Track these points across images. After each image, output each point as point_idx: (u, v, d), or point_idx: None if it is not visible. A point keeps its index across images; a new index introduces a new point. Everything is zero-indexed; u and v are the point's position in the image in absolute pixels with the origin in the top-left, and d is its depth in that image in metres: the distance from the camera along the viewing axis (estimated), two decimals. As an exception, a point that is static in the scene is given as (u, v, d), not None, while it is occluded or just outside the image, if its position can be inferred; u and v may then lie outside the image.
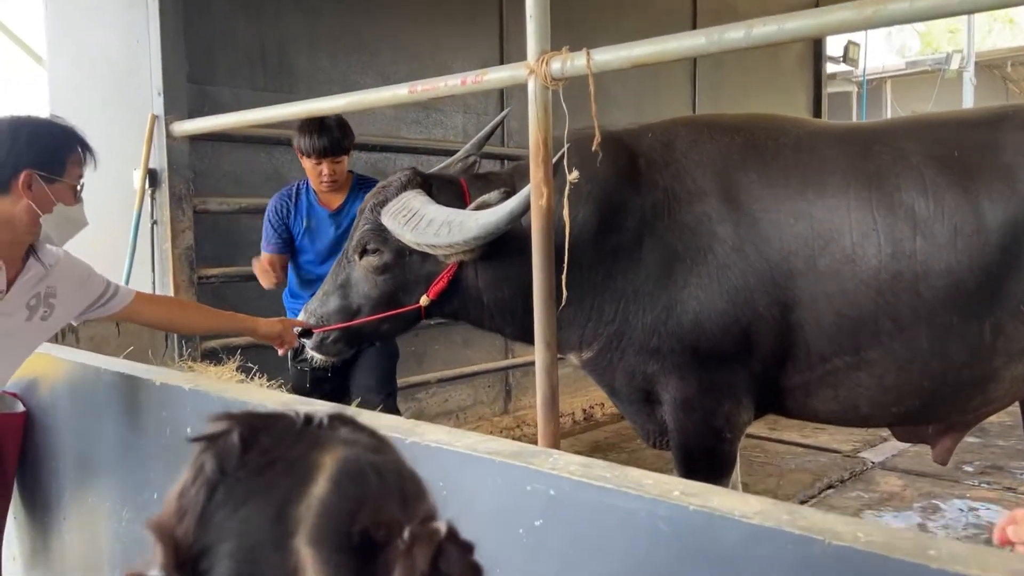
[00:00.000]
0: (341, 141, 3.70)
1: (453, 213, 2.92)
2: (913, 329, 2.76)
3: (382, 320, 3.17)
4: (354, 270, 3.19)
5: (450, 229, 2.87)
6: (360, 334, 3.24)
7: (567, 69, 2.47)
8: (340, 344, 3.24)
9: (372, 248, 3.12)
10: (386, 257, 3.10)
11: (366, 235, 3.13)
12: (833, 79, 11.39)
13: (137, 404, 2.40)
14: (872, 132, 2.98)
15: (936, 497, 4.61)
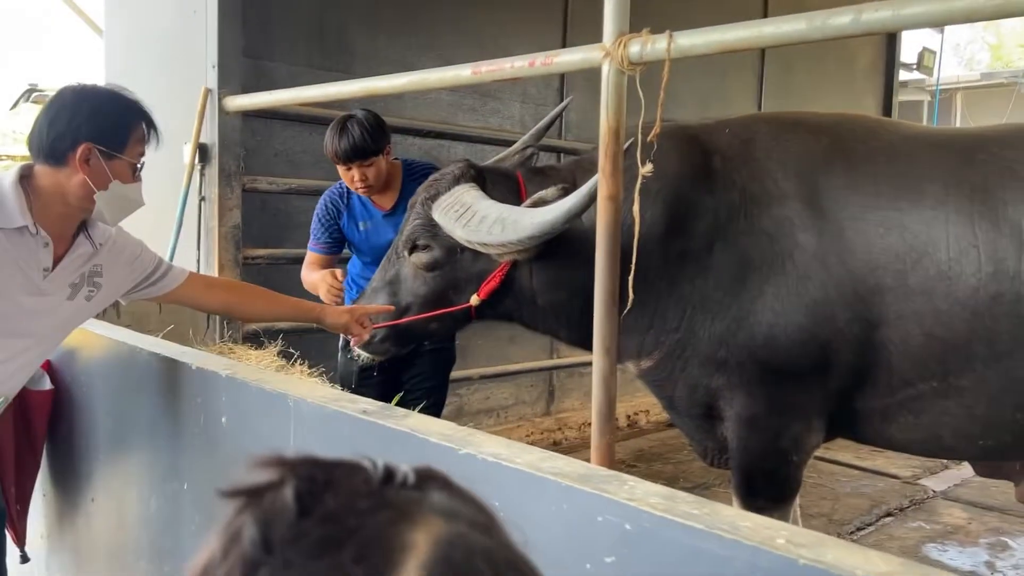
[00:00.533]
0: (367, 143, 3.36)
1: (507, 210, 2.75)
2: (1011, 356, 2.51)
3: (431, 319, 3.01)
4: (403, 266, 3.04)
5: (503, 227, 2.70)
6: (409, 333, 3.08)
7: (647, 53, 2.27)
8: (388, 343, 3.09)
9: (422, 244, 2.97)
10: (436, 253, 2.95)
11: (416, 230, 2.98)
12: (905, 87, 10.98)
13: (173, 388, 2.27)
14: (975, 140, 2.72)
15: (1004, 533, 4.32)
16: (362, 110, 3.45)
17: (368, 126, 3.36)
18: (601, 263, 2.36)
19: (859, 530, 4.36)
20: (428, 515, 0.62)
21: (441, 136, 5.06)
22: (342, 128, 3.35)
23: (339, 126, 3.37)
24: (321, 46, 4.61)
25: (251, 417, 1.98)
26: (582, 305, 2.90)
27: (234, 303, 2.81)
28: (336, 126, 3.38)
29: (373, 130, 3.37)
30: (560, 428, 5.87)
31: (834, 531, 4.29)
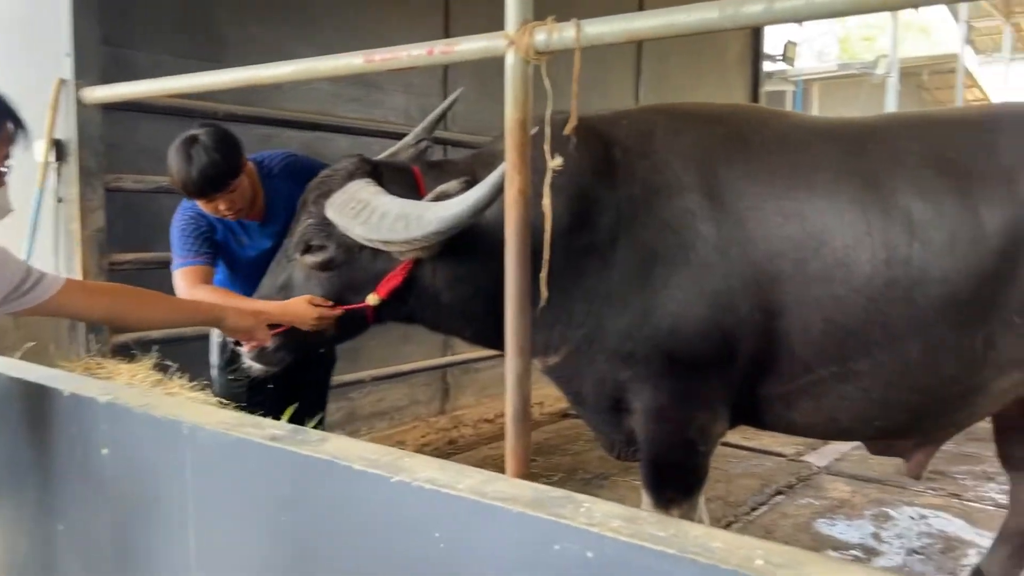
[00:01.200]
0: (222, 168, 2.88)
1: (409, 205, 2.62)
2: (905, 340, 2.60)
3: (328, 326, 2.84)
4: (295, 270, 2.86)
5: (407, 223, 2.57)
6: (305, 340, 2.89)
7: (553, 41, 2.18)
8: (282, 352, 2.89)
9: (316, 244, 2.79)
10: (332, 253, 2.79)
11: (309, 230, 2.80)
12: (770, 78, 11.48)
13: (42, 417, 2.01)
14: (864, 129, 2.80)
15: (885, 504, 4.54)
16: (203, 127, 2.99)
17: (217, 146, 2.89)
18: (511, 261, 2.26)
19: (753, 510, 4.49)
20: None
21: (322, 128, 4.83)
22: (187, 157, 2.86)
23: (182, 154, 2.87)
24: (188, 33, 4.30)
25: (138, 448, 1.77)
26: (488, 302, 2.81)
27: (121, 309, 2.47)
28: (180, 155, 2.87)
29: (224, 149, 2.91)
30: (456, 426, 5.76)
31: (731, 513, 4.40)
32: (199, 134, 2.93)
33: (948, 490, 4.76)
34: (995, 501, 4.57)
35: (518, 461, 2.39)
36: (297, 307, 2.78)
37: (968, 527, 4.23)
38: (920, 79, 18.62)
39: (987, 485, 4.85)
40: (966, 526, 4.24)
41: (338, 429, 5.11)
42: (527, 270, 2.30)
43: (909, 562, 3.83)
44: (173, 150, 2.92)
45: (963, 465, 5.17)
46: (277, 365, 2.93)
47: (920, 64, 17.88)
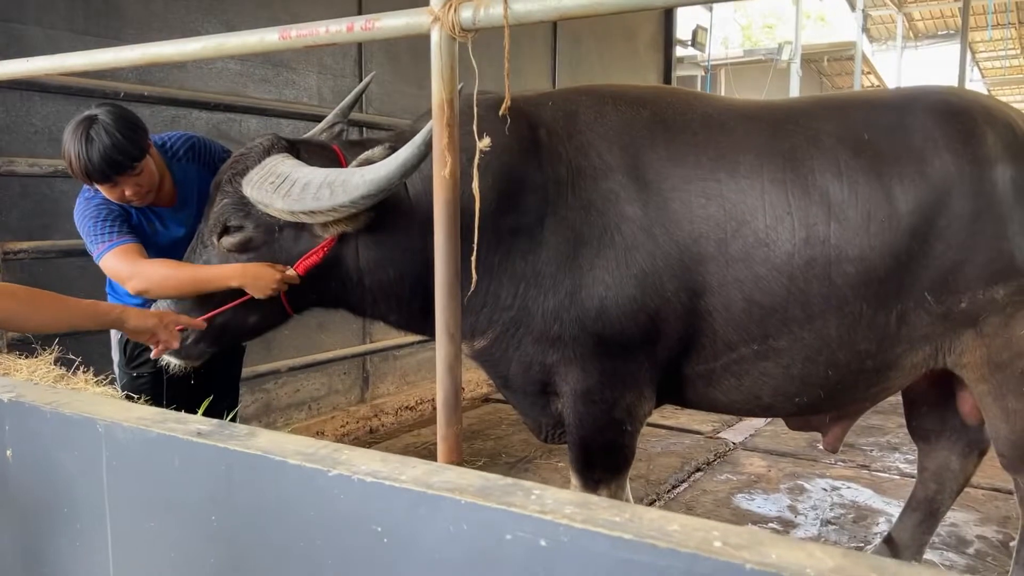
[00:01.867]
0: (127, 148, 2.68)
1: (333, 172, 2.54)
2: (822, 318, 2.67)
3: (249, 312, 2.73)
4: (212, 255, 2.74)
5: (331, 190, 2.49)
6: (225, 331, 2.77)
7: (480, 18, 2.11)
8: (203, 344, 2.77)
9: (234, 225, 2.68)
10: (251, 233, 2.68)
11: (226, 210, 2.68)
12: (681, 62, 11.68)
13: (-69, 419, 1.85)
14: (783, 111, 2.84)
15: (800, 477, 4.69)
16: (101, 107, 2.78)
17: (118, 126, 2.69)
18: (441, 243, 2.20)
19: (674, 487, 4.57)
20: None
21: (231, 109, 4.64)
22: (86, 138, 2.65)
23: (81, 136, 2.65)
24: (85, 8, 4.04)
25: (47, 449, 1.64)
26: (412, 285, 2.76)
27: (16, 313, 2.30)
28: (77, 137, 2.66)
29: (126, 129, 2.71)
30: (376, 415, 5.67)
31: (653, 491, 4.47)
32: (97, 114, 2.73)
33: (857, 462, 4.96)
34: (901, 471, 4.79)
35: (450, 448, 2.34)
36: (257, 270, 2.63)
37: (877, 496, 4.41)
38: (821, 65, 19.32)
39: (893, 456, 5.07)
40: (875, 496, 4.43)
41: (254, 421, 4.95)
42: (457, 253, 2.25)
43: (824, 532, 3.97)
44: (69, 132, 2.71)
45: (870, 437, 5.39)
46: (197, 359, 2.81)
47: (820, 51, 18.53)
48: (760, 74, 15.12)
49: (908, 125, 2.70)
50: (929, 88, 2.92)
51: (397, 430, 5.65)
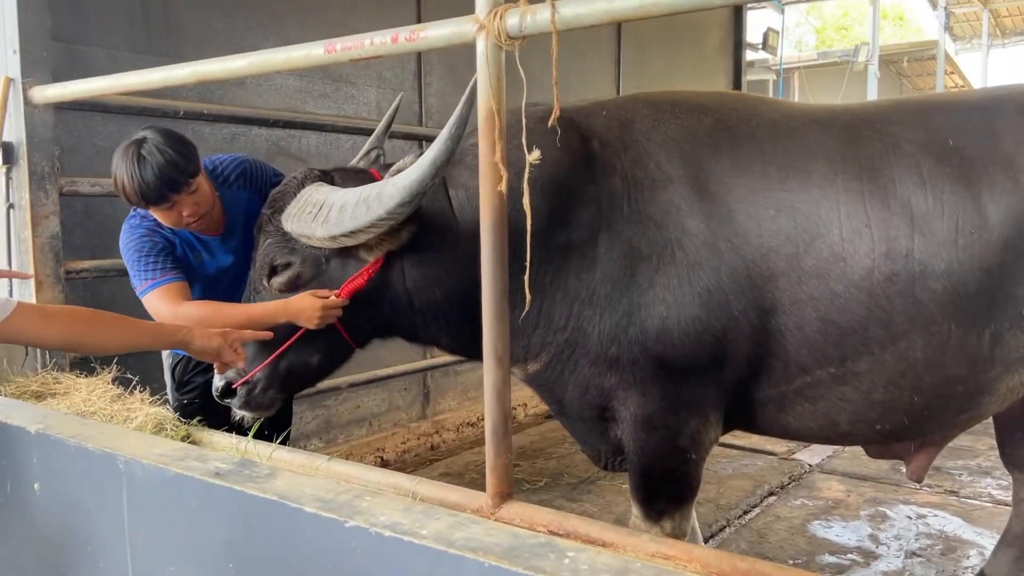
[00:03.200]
0: (180, 164, 2.64)
1: (366, 190, 2.49)
2: (907, 338, 2.45)
3: (311, 352, 2.68)
4: (266, 298, 2.70)
5: (368, 206, 2.43)
6: (291, 374, 2.72)
7: (527, 25, 2.00)
8: (272, 392, 2.71)
9: (280, 263, 2.65)
10: (299, 268, 2.66)
11: (270, 250, 2.66)
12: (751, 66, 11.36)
13: (-34, 448, 1.82)
14: (858, 116, 2.64)
15: (881, 503, 4.41)
16: (147, 129, 2.74)
17: (170, 143, 2.66)
18: (488, 261, 2.09)
19: (746, 513, 4.34)
20: None
21: (291, 126, 4.63)
22: (138, 159, 2.61)
23: (133, 157, 2.61)
24: (147, 27, 4.08)
25: (72, 483, 1.59)
26: (461, 305, 2.66)
27: (79, 335, 2.28)
28: (129, 159, 2.62)
29: (179, 145, 2.69)
30: (437, 431, 5.59)
31: (723, 517, 4.25)
32: (146, 135, 2.69)
33: (945, 487, 4.64)
34: (993, 497, 4.46)
35: (499, 479, 2.22)
36: (300, 301, 2.59)
37: (967, 526, 4.11)
38: (900, 66, 18.58)
39: (984, 481, 4.73)
40: (965, 525, 4.12)
41: (314, 439, 4.93)
42: (504, 272, 2.14)
43: (909, 565, 3.70)
44: (119, 157, 2.67)
45: (959, 460, 5.05)
46: (269, 408, 2.76)
47: (900, 52, 17.84)
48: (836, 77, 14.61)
49: (996, 128, 2.47)
50: (1018, 88, 2.68)
51: (458, 447, 5.55)
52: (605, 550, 1.05)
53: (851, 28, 30.13)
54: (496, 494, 2.12)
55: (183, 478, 1.34)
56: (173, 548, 1.39)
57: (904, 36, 27.82)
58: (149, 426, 2.68)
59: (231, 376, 2.68)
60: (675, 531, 2.79)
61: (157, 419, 2.76)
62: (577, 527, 1.97)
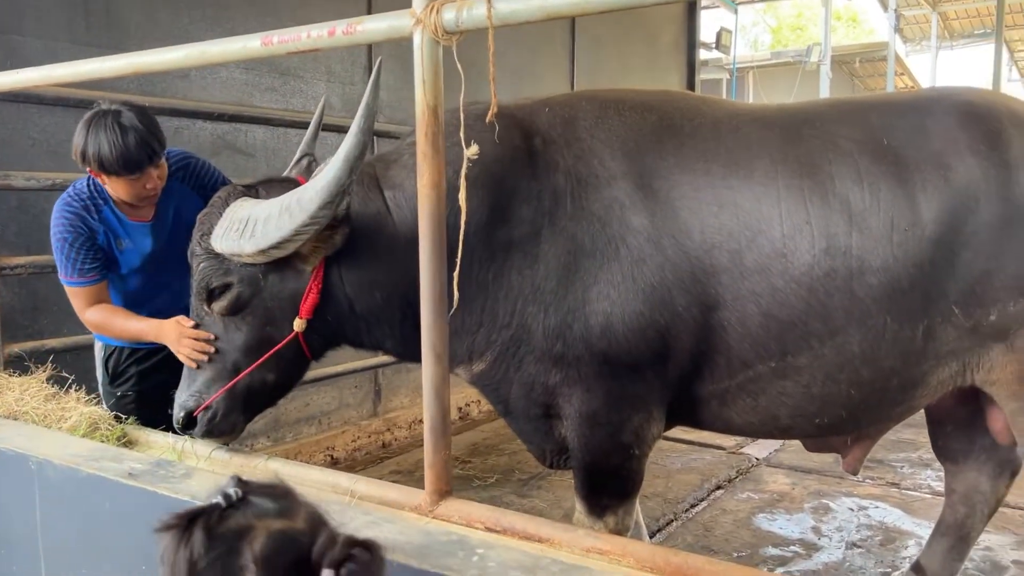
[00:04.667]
0: (155, 137, 2.75)
1: (287, 197, 2.44)
2: (844, 332, 2.49)
3: (266, 371, 2.61)
4: (210, 325, 2.63)
5: (290, 214, 2.39)
6: (251, 396, 2.65)
7: (463, 20, 1.99)
8: (233, 415, 2.63)
9: (217, 286, 2.58)
10: (238, 289, 2.57)
11: (205, 274, 2.59)
12: (705, 65, 11.46)
13: None
14: (798, 115, 2.67)
15: (825, 496, 4.49)
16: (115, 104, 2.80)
17: (143, 118, 2.75)
18: (426, 258, 2.07)
19: (693, 507, 4.39)
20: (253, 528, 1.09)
21: (237, 120, 4.56)
22: (119, 127, 2.67)
23: (113, 127, 2.67)
24: (86, 18, 3.98)
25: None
26: (402, 308, 2.63)
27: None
28: (108, 129, 2.67)
29: (151, 121, 2.79)
30: (389, 429, 5.55)
31: (671, 511, 4.29)
32: (120, 109, 2.76)
33: (886, 479, 4.74)
34: (932, 489, 4.56)
35: (437, 476, 2.20)
36: (165, 326, 2.70)
37: (906, 517, 4.20)
38: (852, 67, 18.93)
39: (924, 472, 4.84)
40: (904, 516, 4.21)
41: (262, 437, 4.86)
42: (442, 269, 2.12)
43: (849, 556, 3.77)
44: (92, 127, 2.71)
45: (900, 452, 5.16)
46: (232, 433, 2.68)
47: (852, 52, 18.17)
48: (789, 77, 14.83)
49: (930, 128, 2.52)
50: (951, 89, 2.74)
51: (410, 444, 5.52)
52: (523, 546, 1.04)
53: (806, 28, 30.60)
54: (435, 491, 2.10)
55: (96, 479, 1.31)
56: (86, 549, 1.36)
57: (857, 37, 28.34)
58: (83, 426, 2.61)
59: (189, 405, 2.61)
60: (618, 526, 2.80)
61: (92, 419, 2.69)
62: (514, 523, 1.96)
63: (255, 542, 1.07)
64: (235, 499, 1.11)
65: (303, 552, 1.08)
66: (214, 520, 1.09)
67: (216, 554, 1.06)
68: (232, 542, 1.07)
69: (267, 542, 1.08)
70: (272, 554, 1.07)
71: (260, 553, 1.06)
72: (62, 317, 3.76)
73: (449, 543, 1.03)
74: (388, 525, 1.10)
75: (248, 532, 1.09)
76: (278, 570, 1.06)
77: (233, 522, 1.09)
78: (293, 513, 1.13)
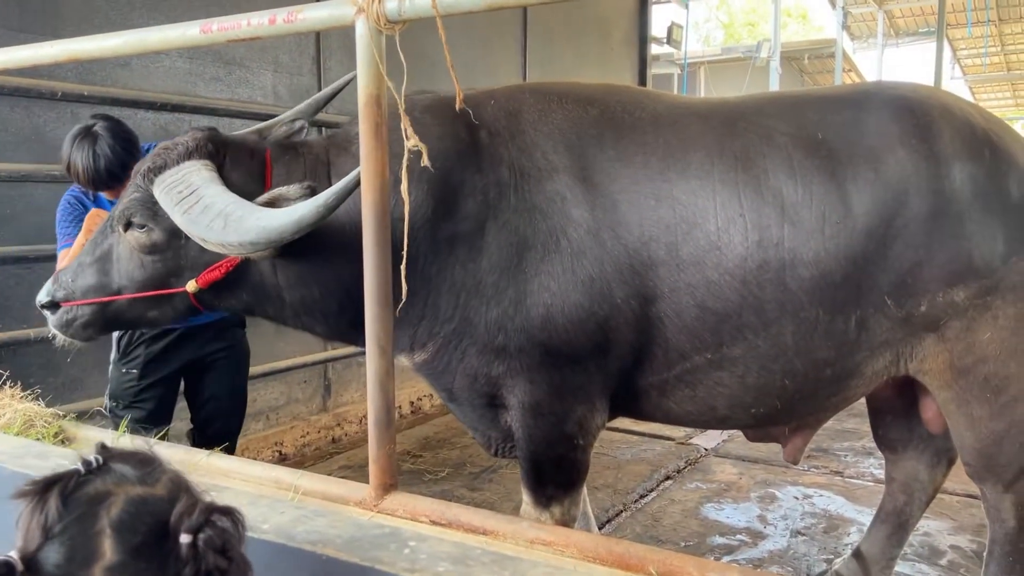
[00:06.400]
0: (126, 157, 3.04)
1: (234, 204, 2.39)
2: (778, 324, 2.54)
3: (148, 305, 2.62)
4: (119, 244, 2.62)
5: (225, 223, 2.35)
6: (118, 319, 2.68)
7: (405, 10, 1.98)
8: (91, 329, 2.68)
9: (139, 223, 2.55)
10: (156, 236, 2.55)
11: (133, 205, 2.56)
12: (656, 60, 11.56)
13: None
14: (735, 109, 2.71)
15: (771, 485, 4.57)
16: (97, 119, 3.11)
17: (119, 142, 3.06)
18: (370, 252, 2.07)
19: (642, 497, 4.44)
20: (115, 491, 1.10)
21: (180, 109, 4.48)
22: (92, 153, 3.02)
23: (88, 150, 3.02)
24: (20, 4, 3.87)
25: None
26: (340, 300, 2.62)
27: None
28: (83, 150, 3.02)
29: (126, 143, 3.09)
30: (339, 424, 5.52)
31: (620, 501, 4.34)
32: (96, 128, 3.06)
33: (830, 468, 4.85)
34: (875, 477, 4.68)
35: (382, 470, 2.20)
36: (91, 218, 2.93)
37: (849, 505, 4.30)
38: (801, 63, 19.26)
39: (867, 461, 4.96)
40: (847, 504, 4.31)
41: (209, 432, 4.79)
42: (387, 262, 2.12)
43: (793, 544, 3.85)
44: (73, 144, 3.04)
45: (844, 441, 5.28)
46: (83, 340, 2.72)
47: (801, 49, 18.48)
48: (739, 72, 15.03)
49: (863, 122, 2.58)
50: (885, 84, 2.81)
51: (361, 439, 5.49)
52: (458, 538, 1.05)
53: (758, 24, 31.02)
54: (379, 485, 2.11)
55: (19, 476, 1.28)
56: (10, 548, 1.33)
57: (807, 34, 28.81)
58: (18, 422, 2.56)
59: (59, 295, 2.64)
60: (564, 517, 2.82)
61: (27, 415, 2.64)
62: (459, 516, 1.97)
63: (112, 508, 1.08)
64: (95, 466, 1.13)
65: (162, 518, 1.09)
66: (71, 486, 1.10)
67: (71, 519, 1.07)
68: (88, 507, 1.08)
69: (124, 507, 1.09)
70: (128, 519, 1.08)
71: (116, 518, 1.07)
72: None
73: (381, 536, 1.03)
74: (320, 519, 1.10)
75: (106, 498, 1.10)
76: (135, 535, 1.07)
77: (91, 488, 1.10)
78: (154, 480, 1.14)
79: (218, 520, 1.07)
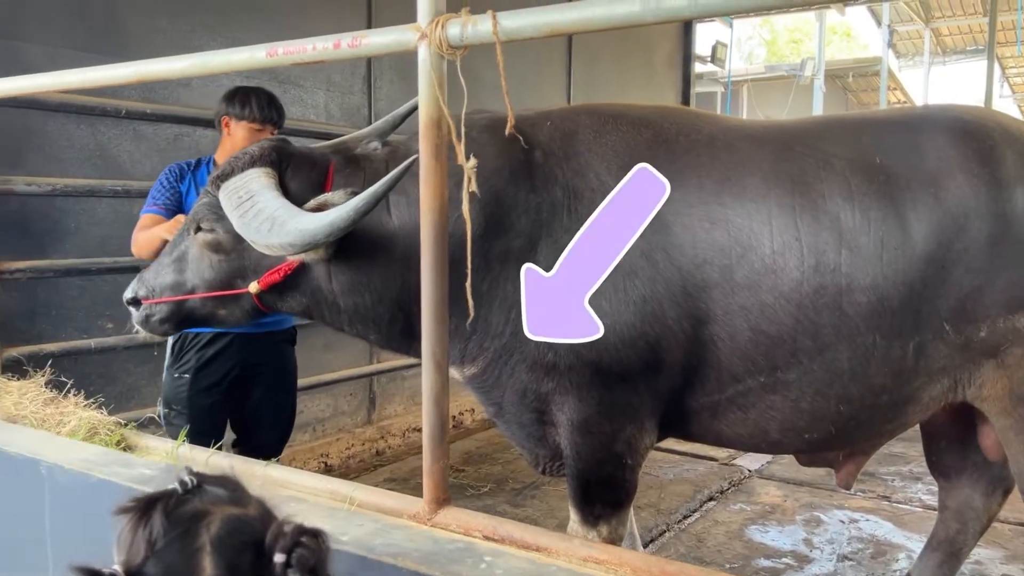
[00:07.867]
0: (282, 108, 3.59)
1: (282, 208, 2.51)
2: (833, 349, 2.52)
3: (217, 304, 2.78)
4: (192, 245, 2.79)
5: (271, 226, 2.48)
6: (191, 316, 2.84)
7: (468, 35, 2.03)
8: (168, 324, 2.85)
9: (207, 226, 2.71)
10: (220, 238, 2.71)
11: (202, 210, 2.73)
12: (700, 79, 11.55)
13: None
14: (790, 132, 2.72)
15: (816, 508, 4.52)
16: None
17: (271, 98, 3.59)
18: (428, 269, 2.11)
19: (686, 518, 4.42)
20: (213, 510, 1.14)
21: (237, 128, 4.57)
22: (266, 94, 3.55)
23: (256, 91, 3.53)
24: (87, 25, 4.01)
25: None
26: (391, 310, 2.70)
27: None
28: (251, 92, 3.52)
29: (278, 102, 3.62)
30: (383, 436, 5.57)
31: (664, 521, 4.32)
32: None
33: (877, 492, 4.77)
34: (923, 502, 4.60)
35: (435, 484, 2.23)
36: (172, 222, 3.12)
37: (897, 530, 4.23)
38: (846, 81, 19.08)
39: (915, 486, 4.88)
40: (895, 529, 4.24)
41: (257, 443, 4.87)
42: (445, 278, 2.16)
43: (840, 569, 3.80)
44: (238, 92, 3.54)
45: (891, 466, 5.20)
46: (161, 335, 2.97)
47: (845, 67, 18.31)
48: (783, 91, 14.95)
49: (921, 146, 2.57)
50: (943, 107, 2.79)
51: (404, 452, 5.54)
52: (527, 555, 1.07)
53: (801, 42, 30.82)
54: (433, 499, 2.13)
55: (107, 484, 1.34)
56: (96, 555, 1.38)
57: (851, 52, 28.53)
58: (82, 430, 2.63)
59: (142, 293, 2.83)
60: (611, 535, 2.82)
61: (90, 423, 2.72)
62: (512, 532, 1.99)
63: (211, 525, 1.13)
64: (191, 486, 1.17)
65: (255, 537, 1.14)
66: (172, 504, 1.14)
67: (174, 535, 1.11)
68: (189, 524, 1.13)
69: (222, 525, 1.13)
70: (227, 536, 1.12)
71: (215, 535, 1.12)
72: (60, 322, 3.79)
73: (456, 550, 1.06)
74: (396, 532, 1.13)
75: (204, 516, 1.14)
76: (232, 552, 1.11)
77: (190, 507, 1.15)
78: (245, 501, 1.20)
79: (309, 541, 1.12)
